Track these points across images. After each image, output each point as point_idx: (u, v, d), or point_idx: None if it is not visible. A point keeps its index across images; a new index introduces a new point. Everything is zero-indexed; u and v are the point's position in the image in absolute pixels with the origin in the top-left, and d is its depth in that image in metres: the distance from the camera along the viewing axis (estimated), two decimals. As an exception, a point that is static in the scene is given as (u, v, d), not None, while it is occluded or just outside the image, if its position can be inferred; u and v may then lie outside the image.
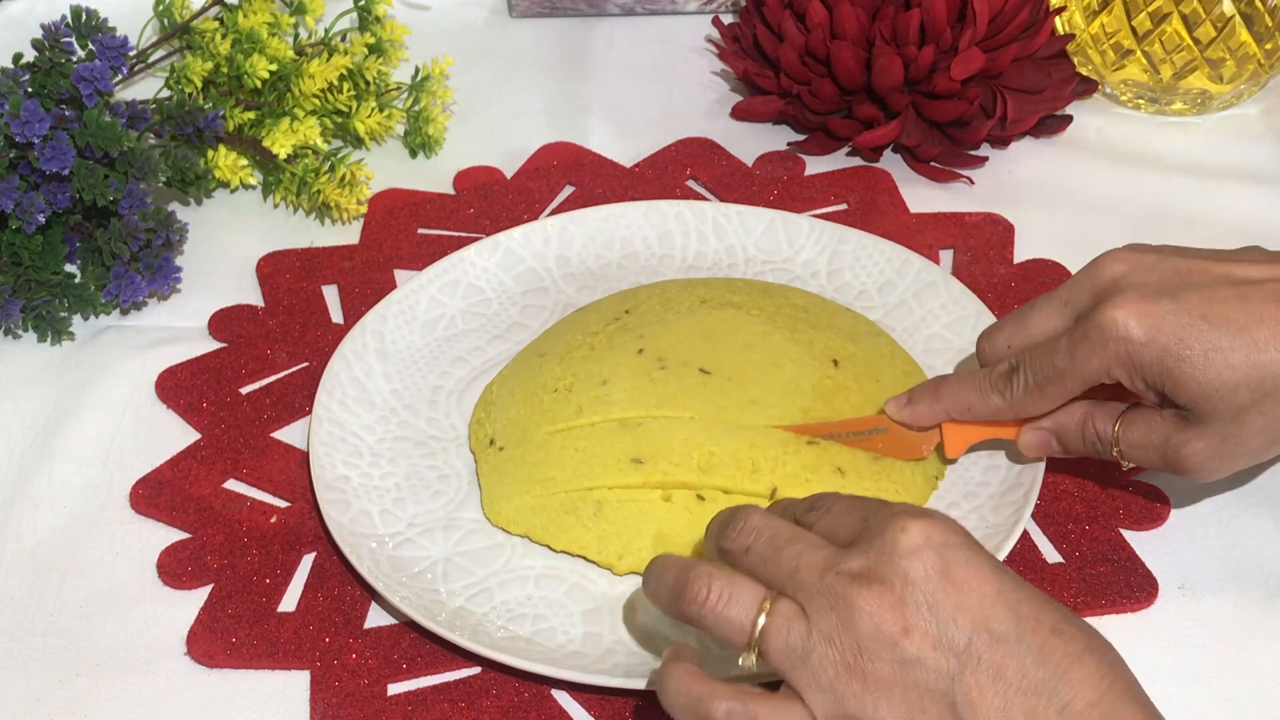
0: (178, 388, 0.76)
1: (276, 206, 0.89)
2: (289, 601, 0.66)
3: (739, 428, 0.67)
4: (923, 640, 0.49)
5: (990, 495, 0.67)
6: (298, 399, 0.75)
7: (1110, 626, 0.64)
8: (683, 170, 0.89)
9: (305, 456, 0.71)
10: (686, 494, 0.66)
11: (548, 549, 0.67)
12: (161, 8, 0.90)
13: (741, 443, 0.67)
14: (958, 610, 0.50)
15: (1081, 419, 0.64)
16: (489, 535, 0.68)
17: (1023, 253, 0.83)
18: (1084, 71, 0.93)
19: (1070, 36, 0.91)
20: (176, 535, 0.69)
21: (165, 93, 0.88)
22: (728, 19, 1.02)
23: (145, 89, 0.92)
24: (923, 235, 0.84)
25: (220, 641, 0.64)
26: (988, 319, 0.75)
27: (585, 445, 0.68)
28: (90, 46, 0.83)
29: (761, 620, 0.52)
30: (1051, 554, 0.67)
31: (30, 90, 0.80)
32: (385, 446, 0.71)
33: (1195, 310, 0.59)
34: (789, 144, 0.91)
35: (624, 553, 0.65)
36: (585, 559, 0.66)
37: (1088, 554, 0.66)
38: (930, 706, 0.49)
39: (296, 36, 0.91)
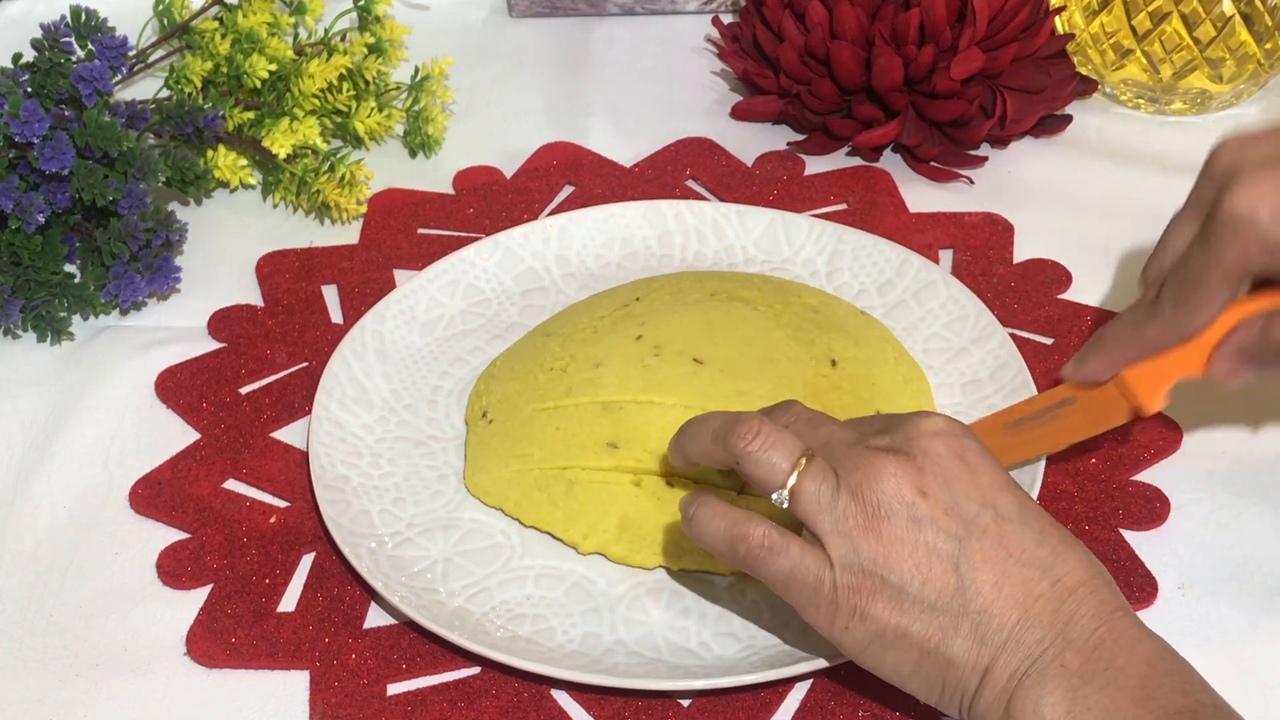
0: (177, 388, 0.76)
1: (276, 206, 0.89)
2: (289, 601, 0.66)
3: None
4: (936, 505, 0.54)
5: None
6: (297, 399, 0.75)
7: (1110, 626, 0.64)
8: (682, 170, 0.89)
9: (305, 456, 0.71)
10: (656, 480, 0.66)
11: (548, 548, 0.67)
12: (161, 8, 0.90)
13: None
14: (970, 488, 0.55)
15: (1261, 329, 0.61)
16: (488, 535, 0.68)
17: (1022, 252, 0.83)
18: (1084, 71, 0.93)
19: (1070, 36, 0.91)
20: (176, 535, 0.69)
21: (165, 93, 0.88)
22: (727, 19, 1.02)
23: (145, 89, 0.92)
24: (922, 235, 0.84)
25: (220, 641, 0.64)
26: (987, 318, 0.75)
27: (566, 425, 0.68)
28: (90, 46, 0.83)
29: (797, 469, 0.56)
30: (1051, 554, 0.66)
31: (30, 90, 0.80)
32: (385, 446, 0.71)
33: None
34: (789, 144, 0.91)
35: (589, 533, 0.66)
36: (552, 535, 0.67)
37: (1087, 554, 0.66)
38: (935, 565, 0.54)
39: (296, 36, 0.91)
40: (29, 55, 0.82)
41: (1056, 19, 0.91)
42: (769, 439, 0.57)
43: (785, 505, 0.56)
